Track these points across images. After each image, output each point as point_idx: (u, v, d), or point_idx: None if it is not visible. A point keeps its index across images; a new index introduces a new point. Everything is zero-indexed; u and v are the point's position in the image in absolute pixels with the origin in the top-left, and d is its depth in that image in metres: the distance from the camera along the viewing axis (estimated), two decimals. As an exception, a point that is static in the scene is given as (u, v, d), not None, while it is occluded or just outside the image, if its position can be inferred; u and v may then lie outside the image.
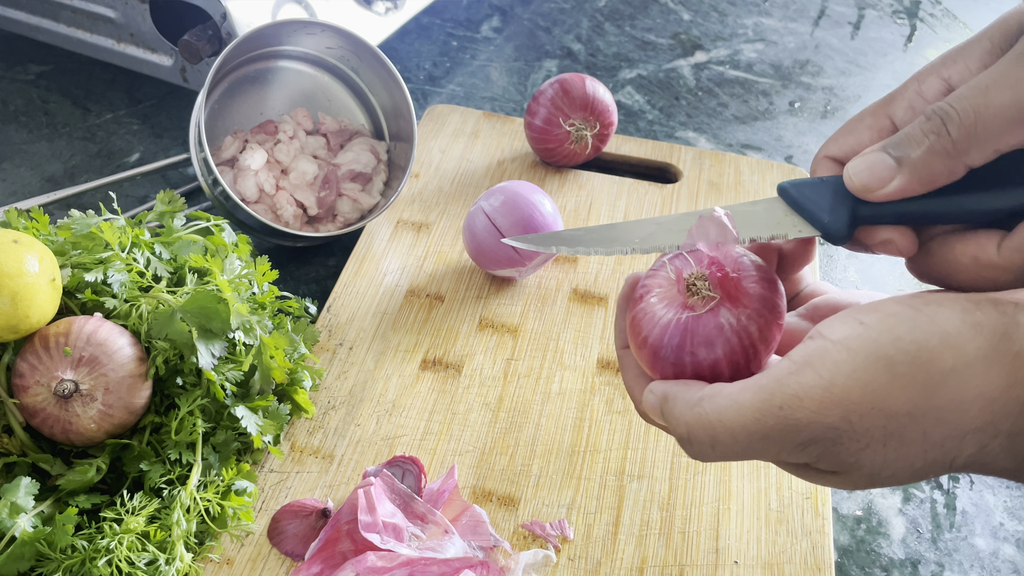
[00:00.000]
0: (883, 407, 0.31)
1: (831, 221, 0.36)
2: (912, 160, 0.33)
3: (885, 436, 0.32)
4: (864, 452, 0.32)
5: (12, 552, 0.48)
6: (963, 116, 0.32)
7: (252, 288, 0.60)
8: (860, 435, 0.32)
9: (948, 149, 0.33)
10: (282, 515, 0.54)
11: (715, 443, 0.33)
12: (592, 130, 0.78)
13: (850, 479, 0.34)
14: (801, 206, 0.37)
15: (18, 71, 0.95)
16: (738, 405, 0.33)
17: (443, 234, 0.74)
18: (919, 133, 0.33)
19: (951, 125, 0.32)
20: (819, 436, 0.32)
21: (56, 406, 0.51)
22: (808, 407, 0.31)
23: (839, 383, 0.31)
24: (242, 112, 0.77)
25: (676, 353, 0.36)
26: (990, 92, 0.32)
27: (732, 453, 0.34)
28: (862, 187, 0.35)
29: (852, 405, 0.31)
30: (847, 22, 1.10)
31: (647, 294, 0.38)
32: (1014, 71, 0.32)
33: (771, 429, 0.32)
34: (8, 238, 0.51)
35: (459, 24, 1.06)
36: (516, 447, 0.59)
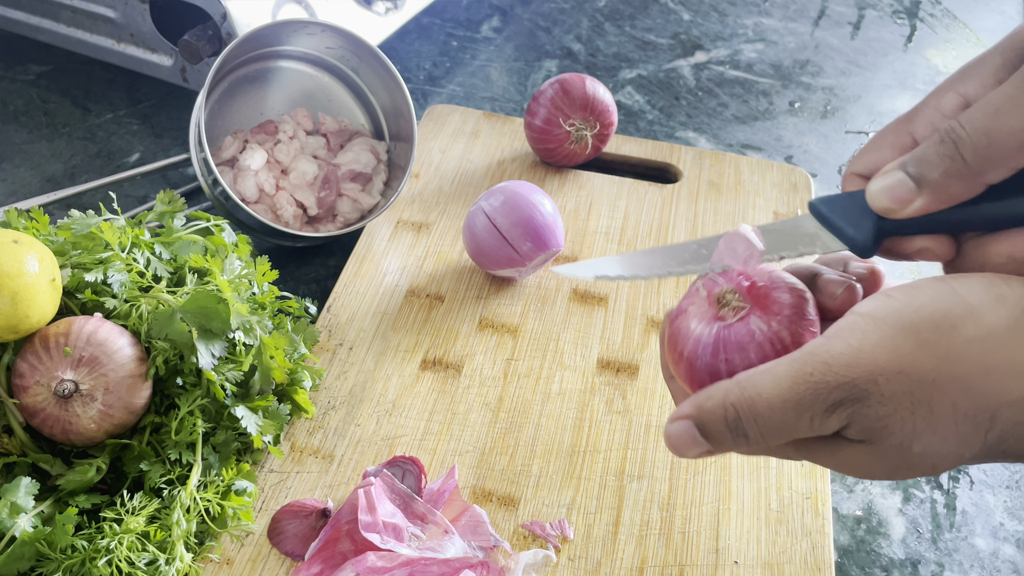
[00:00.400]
0: (908, 372, 0.32)
1: (857, 235, 0.37)
2: (931, 182, 0.34)
3: (913, 404, 0.32)
4: (892, 417, 0.33)
5: (12, 552, 0.48)
6: (975, 139, 0.33)
7: (252, 288, 0.60)
8: (887, 398, 0.32)
9: (964, 171, 0.34)
10: (282, 515, 0.55)
11: (757, 417, 0.34)
12: (592, 130, 0.78)
13: (882, 452, 0.34)
14: (829, 221, 0.38)
15: (18, 71, 0.95)
16: (774, 375, 0.34)
17: (443, 234, 0.74)
18: (935, 156, 0.34)
19: (964, 149, 0.33)
20: (847, 397, 0.33)
21: (56, 406, 0.51)
22: (836, 371, 0.33)
23: (866, 349, 0.32)
24: (242, 112, 0.77)
25: (711, 362, 0.37)
26: (1000, 115, 0.33)
27: (773, 428, 0.34)
28: (885, 209, 0.36)
29: (879, 368, 0.32)
30: (847, 22, 1.10)
31: (681, 315, 0.39)
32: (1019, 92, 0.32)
33: (804, 394, 0.33)
34: (8, 238, 0.51)
35: (459, 24, 1.06)
36: (516, 447, 0.59)
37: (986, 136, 0.33)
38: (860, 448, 0.34)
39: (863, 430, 0.34)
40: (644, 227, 0.75)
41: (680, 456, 0.38)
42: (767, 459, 0.58)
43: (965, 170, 0.33)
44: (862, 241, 0.37)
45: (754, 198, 0.79)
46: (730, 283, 0.38)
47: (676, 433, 0.37)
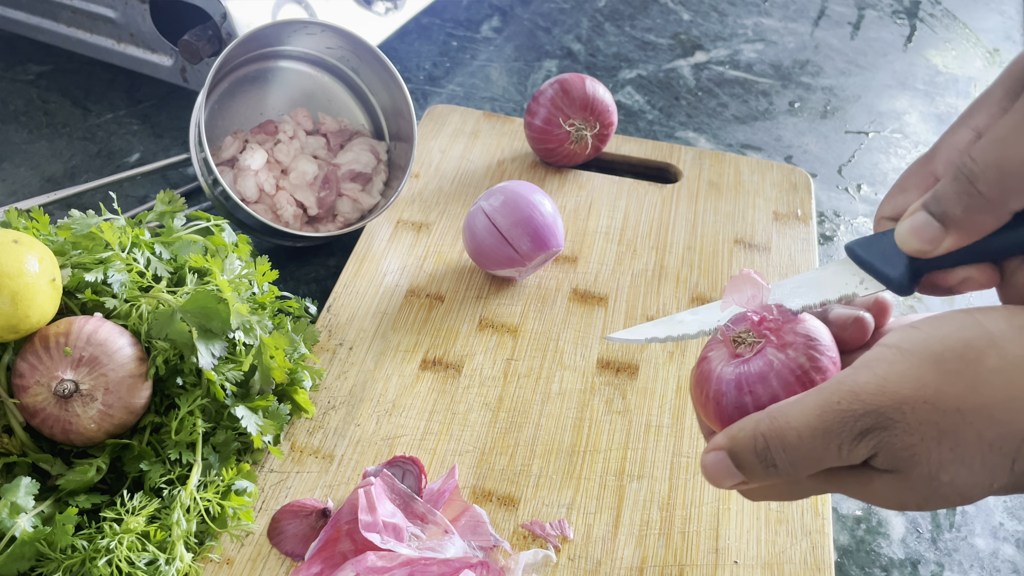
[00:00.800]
0: (934, 401, 0.33)
1: (894, 274, 0.37)
2: (955, 219, 0.35)
3: (939, 434, 0.33)
4: (919, 447, 0.33)
5: (12, 552, 0.48)
6: (988, 173, 0.33)
7: (252, 288, 0.60)
8: (913, 428, 0.33)
9: (983, 204, 0.34)
10: (282, 515, 0.55)
11: (786, 447, 0.35)
12: (592, 130, 0.78)
13: (910, 483, 0.34)
14: (866, 263, 0.39)
15: (18, 71, 0.95)
16: (802, 405, 0.35)
17: (443, 234, 0.74)
18: (952, 193, 0.35)
19: (979, 184, 0.34)
20: (875, 425, 0.33)
21: (56, 406, 0.51)
22: (863, 399, 0.33)
23: (892, 379, 0.33)
24: (242, 112, 0.77)
25: (736, 397, 0.38)
26: (1007, 144, 0.33)
27: (801, 457, 0.35)
28: (917, 251, 0.36)
29: (904, 398, 0.33)
30: (847, 22, 1.10)
31: (703, 362, 0.40)
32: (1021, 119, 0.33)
33: (832, 423, 0.34)
34: (8, 238, 0.51)
35: (459, 24, 1.06)
36: (516, 447, 0.59)
37: (997, 167, 0.33)
38: (889, 478, 0.35)
39: (890, 459, 0.34)
40: (644, 227, 0.75)
41: (717, 487, 0.38)
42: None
43: (984, 203, 0.34)
44: (899, 279, 0.37)
45: (754, 198, 0.79)
46: (743, 324, 0.40)
47: (711, 463, 0.38)
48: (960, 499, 0.34)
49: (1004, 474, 0.33)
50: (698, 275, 0.71)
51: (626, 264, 0.72)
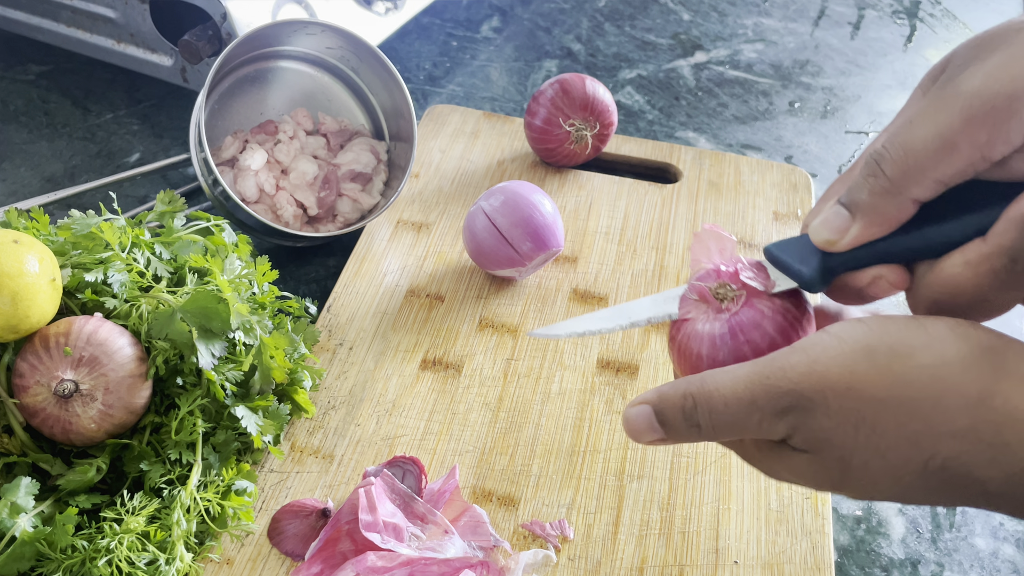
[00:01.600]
0: (858, 389, 0.33)
1: (804, 270, 0.38)
2: (861, 205, 0.35)
3: (857, 420, 0.33)
4: (835, 431, 0.34)
5: (12, 552, 0.48)
6: (893, 153, 0.34)
7: (252, 288, 0.60)
8: (833, 412, 0.33)
9: (888, 188, 0.34)
10: (282, 515, 0.55)
11: (712, 410, 0.36)
12: (592, 130, 0.78)
13: (823, 464, 0.35)
14: (780, 261, 0.39)
15: (18, 71, 0.95)
16: (734, 374, 0.36)
17: (443, 234, 0.74)
18: (860, 179, 0.35)
19: (884, 164, 0.34)
20: (795, 405, 0.34)
21: (56, 406, 0.51)
22: (790, 378, 0.34)
23: (821, 363, 0.34)
24: (242, 112, 0.77)
25: (733, 348, 0.38)
26: (914, 127, 0.33)
27: (724, 423, 0.36)
28: (825, 242, 0.37)
29: (829, 383, 0.33)
30: (847, 22, 1.10)
31: (685, 323, 0.40)
32: (933, 104, 0.33)
33: (757, 395, 0.35)
34: (8, 238, 0.51)
35: (459, 24, 1.06)
36: (516, 447, 0.59)
37: (902, 148, 0.33)
38: (804, 457, 0.35)
39: (806, 440, 0.35)
40: (644, 227, 0.75)
41: (635, 440, 0.39)
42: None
43: (889, 186, 0.34)
44: (809, 276, 0.38)
45: (754, 198, 0.79)
46: (721, 278, 0.39)
47: (635, 416, 0.38)
48: (871, 487, 0.35)
49: (916, 470, 0.33)
50: (698, 275, 0.71)
51: (626, 264, 0.72)
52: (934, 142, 0.33)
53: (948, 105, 0.33)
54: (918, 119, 0.33)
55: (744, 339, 0.38)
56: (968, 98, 0.32)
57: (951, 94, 0.33)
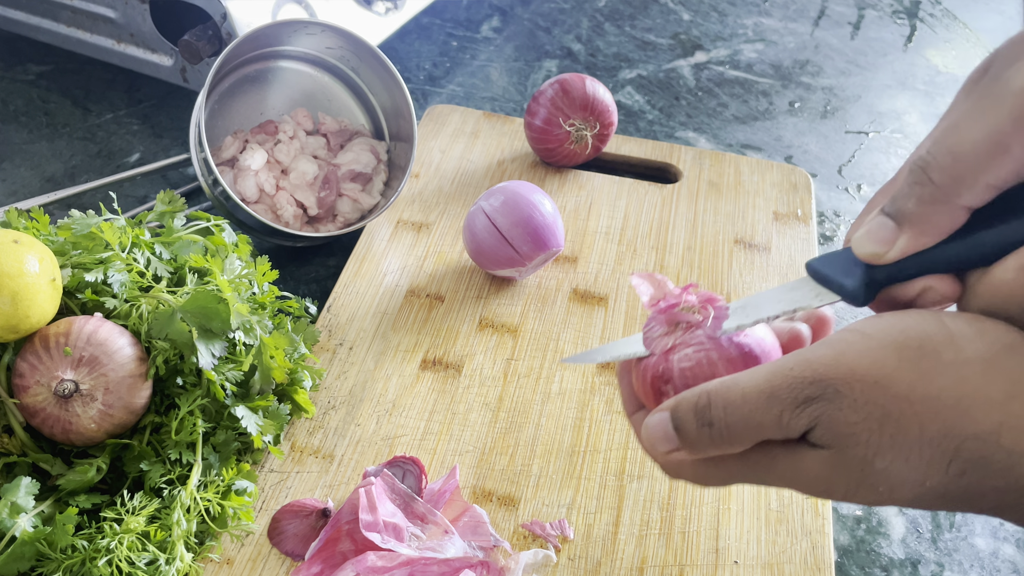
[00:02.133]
0: (885, 384, 0.32)
1: (848, 283, 0.37)
2: (908, 216, 0.34)
3: (883, 416, 0.32)
4: (859, 426, 0.33)
5: (12, 552, 0.48)
6: (941, 159, 0.32)
7: (252, 288, 0.60)
8: (859, 406, 0.32)
9: (937, 195, 0.33)
10: (282, 515, 0.55)
11: (727, 405, 0.34)
12: (592, 130, 0.78)
13: (843, 463, 0.33)
14: (824, 277, 0.38)
15: (18, 71, 0.95)
16: (754, 371, 0.35)
17: (443, 234, 0.75)
18: (906, 188, 0.34)
19: (931, 171, 0.33)
20: (820, 395, 0.33)
21: (56, 406, 0.51)
22: (816, 368, 0.33)
23: (849, 355, 0.33)
24: (242, 112, 0.77)
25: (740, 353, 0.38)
26: (961, 130, 0.32)
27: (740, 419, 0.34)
28: (871, 255, 0.35)
29: (857, 375, 0.32)
30: (847, 22, 1.10)
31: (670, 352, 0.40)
32: (980, 105, 0.32)
33: (778, 386, 0.33)
34: (8, 238, 0.51)
35: (459, 24, 1.06)
36: (516, 447, 0.59)
37: (950, 153, 0.32)
38: (822, 456, 0.34)
39: (829, 434, 0.33)
40: (644, 227, 0.75)
41: (650, 454, 0.38)
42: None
43: (938, 193, 0.33)
44: (853, 289, 0.36)
45: (754, 198, 0.79)
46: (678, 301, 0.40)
47: (652, 424, 0.37)
48: (889, 493, 0.33)
49: (938, 473, 0.32)
50: (698, 275, 0.71)
51: (626, 264, 0.72)
52: (984, 145, 0.31)
53: (996, 105, 0.31)
54: (965, 121, 0.32)
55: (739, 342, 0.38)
56: (1017, 96, 0.31)
57: (999, 93, 0.32)
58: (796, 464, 0.35)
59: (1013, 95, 0.31)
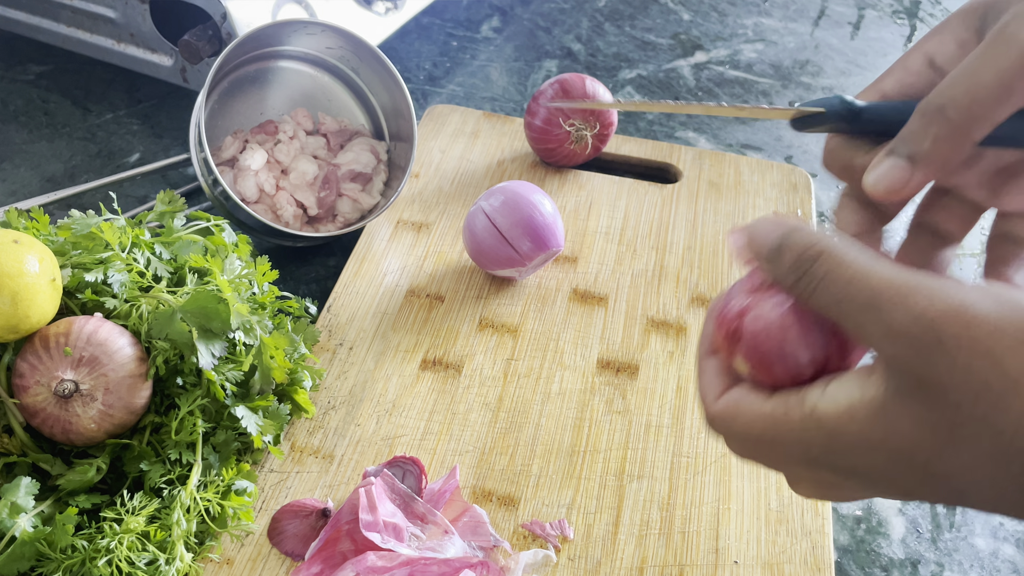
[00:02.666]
0: (999, 354, 0.28)
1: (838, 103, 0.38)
2: (923, 153, 0.35)
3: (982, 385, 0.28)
4: (955, 380, 0.28)
5: (12, 552, 0.48)
6: (958, 98, 0.34)
7: (252, 288, 0.60)
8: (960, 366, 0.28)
9: (954, 132, 0.35)
10: (282, 515, 0.55)
11: (829, 274, 0.31)
12: (592, 130, 0.78)
13: (926, 417, 0.29)
14: None
15: (18, 71, 0.95)
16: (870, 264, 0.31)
17: (443, 234, 0.75)
18: (920, 128, 0.35)
19: (949, 111, 0.34)
20: (923, 338, 0.29)
21: (56, 406, 0.51)
22: (935, 305, 0.29)
23: (973, 311, 0.29)
24: (242, 112, 0.77)
25: None
26: (976, 73, 0.34)
27: (831, 294, 0.31)
28: (885, 193, 0.36)
29: (975, 335, 0.28)
30: (847, 22, 1.10)
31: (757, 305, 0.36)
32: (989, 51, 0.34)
33: (886, 299, 0.30)
34: (8, 238, 0.51)
35: (459, 24, 1.06)
36: (516, 447, 0.59)
37: (967, 94, 0.34)
38: (903, 409, 0.29)
39: (919, 379, 0.29)
40: (644, 227, 0.75)
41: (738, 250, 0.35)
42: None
43: (952, 130, 0.34)
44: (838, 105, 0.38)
45: (754, 198, 0.79)
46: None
47: (757, 224, 0.35)
48: (964, 472, 0.29)
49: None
50: (698, 275, 0.71)
51: (626, 264, 0.72)
52: (995, 88, 0.34)
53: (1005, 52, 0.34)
54: (982, 64, 0.34)
55: None
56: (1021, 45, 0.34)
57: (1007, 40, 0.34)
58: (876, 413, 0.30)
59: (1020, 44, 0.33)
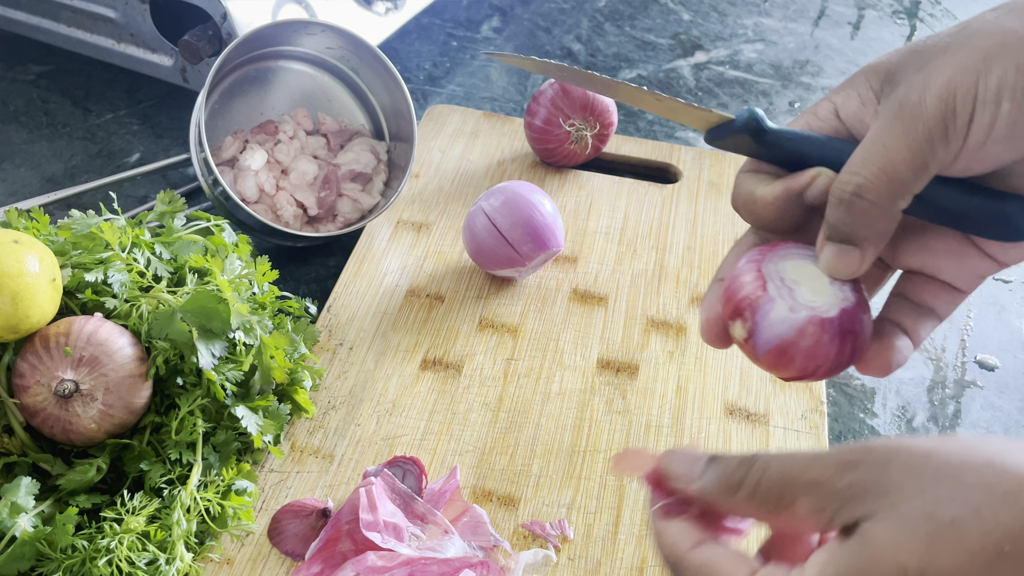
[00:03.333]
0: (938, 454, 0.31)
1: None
2: (864, 236, 0.36)
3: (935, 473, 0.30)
4: (909, 479, 0.30)
5: (12, 552, 0.48)
6: (876, 181, 0.35)
7: (252, 288, 0.60)
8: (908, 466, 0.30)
9: (880, 212, 0.35)
10: (282, 515, 0.55)
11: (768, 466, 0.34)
12: (592, 130, 0.78)
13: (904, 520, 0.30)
14: None
15: (18, 71, 0.95)
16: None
17: (443, 234, 0.75)
18: (847, 215, 0.36)
19: (868, 194, 0.35)
20: (864, 458, 0.31)
21: (56, 406, 0.51)
22: (863, 445, 0.32)
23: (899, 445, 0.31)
24: (242, 112, 0.77)
25: None
26: (888, 150, 0.35)
27: (775, 477, 0.33)
28: (843, 275, 0.37)
29: (906, 445, 0.31)
30: (847, 22, 1.10)
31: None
32: (900, 125, 0.35)
33: (820, 455, 0.32)
34: (8, 238, 0.51)
35: (459, 24, 1.06)
36: (516, 447, 0.59)
37: (884, 174, 0.35)
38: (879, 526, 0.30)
39: (876, 487, 0.30)
40: (644, 227, 0.75)
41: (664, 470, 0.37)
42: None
43: (880, 211, 0.35)
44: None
45: (754, 198, 0.79)
46: None
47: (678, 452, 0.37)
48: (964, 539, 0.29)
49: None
50: (698, 275, 0.71)
51: (626, 264, 0.72)
52: (910, 164, 0.34)
53: (913, 125, 0.34)
54: (888, 141, 0.35)
55: None
56: (931, 117, 0.34)
57: (912, 111, 0.34)
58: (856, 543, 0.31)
59: (926, 119, 0.34)
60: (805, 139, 0.39)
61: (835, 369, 0.37)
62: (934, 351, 0.70)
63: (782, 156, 0.39)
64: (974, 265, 0.39)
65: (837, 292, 0.37)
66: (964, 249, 0.38)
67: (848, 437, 0.63)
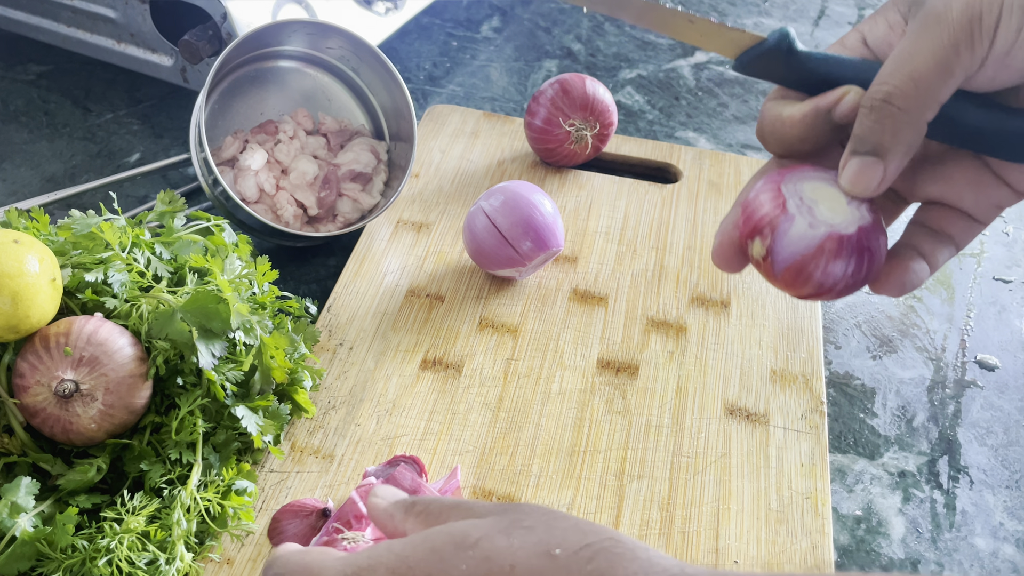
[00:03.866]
0: None
1: None
2: (887, 147, 0.36)
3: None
4: None
5: (12, 552, 0.48)
6: (904, 87, 0.35)
7: (252, 288, 0.60)
8: None
9: (907, 119, 0.36)
10: (282, 515, 0.55)
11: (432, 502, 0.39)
12: (592, 130, 0.78)
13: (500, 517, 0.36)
14: None
15: (18, 71, 0.95)
16: None
17: (443, 234, 0.75)
18: (874, 124, 0.36)
19: (896, 100, 0.35)
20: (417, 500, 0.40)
21: (56, 406, 0.51)
22: None
23: None
24: (242, 112, 0.77)
25: None
26: (915, 58, 0.35)
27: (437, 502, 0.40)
28: (865, 191, 0.37)
29: None
30: (847, 22, 1.10)
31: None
32: (924, 33, 0.35)
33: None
34: (8, 238, 0.51)
35: (459, 24, 1.06)
36: (516, 447, 0.59)
37: (911, 80, 0.35)
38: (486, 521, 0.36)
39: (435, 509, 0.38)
40: (644, 227, 0.75)
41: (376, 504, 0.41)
42: (767, 459, 0.58)
43: (908, 117, 0.35)
44: None
45: (754, 198, 0.79)
46: None
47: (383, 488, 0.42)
48: None
49: None
50: (698, 275, 0.71)
51: (626, 264, 0.72)
52: (935, 70, 0.35)
53: (938, 32, 0.35)
54: (915, 49, 0.35)
55: None
56: (955, 25, 0.35)
57: (935, 20, 0.35)
58: None
59: (951, 24, 0.35)
60: (835, 61, 0.39)
61: (850, 288, 0.37)
62: (934, 351, 0.70)
63: (811, 80, 0.39)
64: (991, 194, 0.39)
65: (855, 211, 0.37)
66: (982, 177, 0.39)
67: (848, 437, 0.63)
